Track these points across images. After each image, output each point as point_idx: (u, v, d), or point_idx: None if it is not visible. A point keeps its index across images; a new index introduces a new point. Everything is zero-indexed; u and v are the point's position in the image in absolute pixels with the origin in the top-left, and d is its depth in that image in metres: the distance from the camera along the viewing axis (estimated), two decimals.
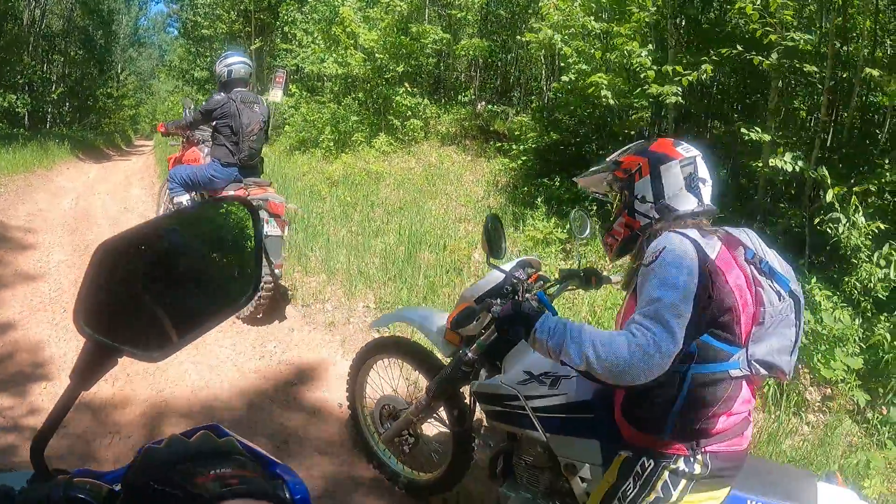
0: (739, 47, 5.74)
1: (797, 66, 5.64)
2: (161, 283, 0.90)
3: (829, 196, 4.72)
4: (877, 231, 4.64)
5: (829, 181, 4.77)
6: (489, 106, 12.70)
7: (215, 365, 4.42)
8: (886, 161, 5.00)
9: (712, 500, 1.91)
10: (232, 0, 18.70)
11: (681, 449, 1.86)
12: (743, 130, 5.36)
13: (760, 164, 5.04)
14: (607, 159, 2.14)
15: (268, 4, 18.41)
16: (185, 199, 5.39)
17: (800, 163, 4.98)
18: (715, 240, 1.83)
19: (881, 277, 4.45)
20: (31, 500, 0.76)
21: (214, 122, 5.36)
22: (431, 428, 3.24)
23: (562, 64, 8.18)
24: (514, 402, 2.27)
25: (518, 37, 11.14)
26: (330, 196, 9.28)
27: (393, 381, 3.26)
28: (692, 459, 1.84)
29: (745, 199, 6.72)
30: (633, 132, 7.59)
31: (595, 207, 7.40)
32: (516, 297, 2.18)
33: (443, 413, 2.86)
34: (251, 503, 0.72)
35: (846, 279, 4.69)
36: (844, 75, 5.82)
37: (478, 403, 2.53)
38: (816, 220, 4.93)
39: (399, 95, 11.65)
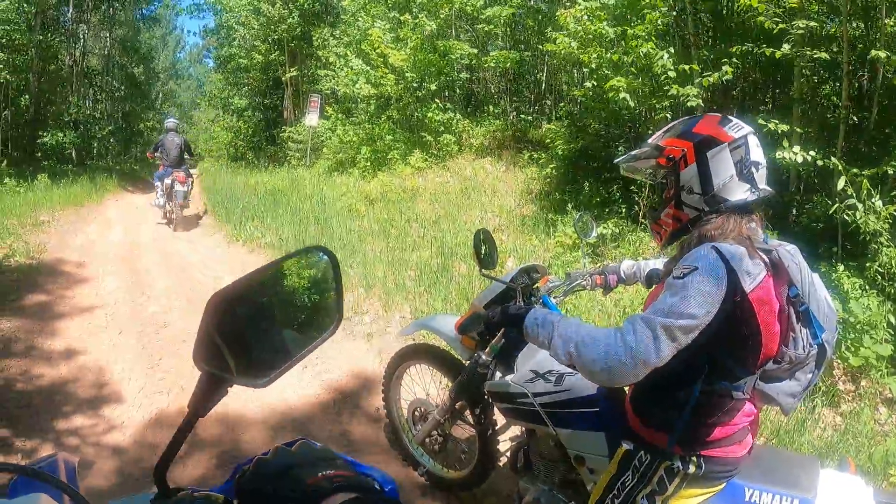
0: (749, 44, 5.73)
1: (810, 53, 5.58)
2: (260, 325, 1.06)
3: (841, 183, 4.67)
4: (895, 214, 4.61)
5: (840, 168, 4.72)
6: (521, 115, 12.77)
7: None
8: None
9: (708, 493, 1.94)
10: (266, 30, 19.21)
11: (677, 449, 1.90)
12: (760, 122, 5.31)
13: (779, 156, 5.00)
14: (648, 141, 1.99)
15: (301, 33, 18.85)
16: (158, 184, 11.24)
17: (811, 152, 4.93)
18: (761, 267, 1.71)
19: None
20: None
21: (158, 149, 11.43)
22: (463, 428, 3.39)
23: (585, 70, 8.25)
24: (524, 400, 2.37)
25: (539, 46, 11.22)
26: (367, 214, 9.51)
27: (424, 384, 3.42)
28: (687, 460, 1.88)
29: (778, 192, 6.65)
30: None
31: (624, 209, 7.48)
32: (506, 304, 2.18)
33: (468, 413, 3.01)
34: (357, 495, 0.91)
35: (868, 265, 4.65)
36: (869, 57, 5.69)
37: (493, 402, 2.65)
38: (832, 209, 4.88)
39: (431, 111, 11.85)
